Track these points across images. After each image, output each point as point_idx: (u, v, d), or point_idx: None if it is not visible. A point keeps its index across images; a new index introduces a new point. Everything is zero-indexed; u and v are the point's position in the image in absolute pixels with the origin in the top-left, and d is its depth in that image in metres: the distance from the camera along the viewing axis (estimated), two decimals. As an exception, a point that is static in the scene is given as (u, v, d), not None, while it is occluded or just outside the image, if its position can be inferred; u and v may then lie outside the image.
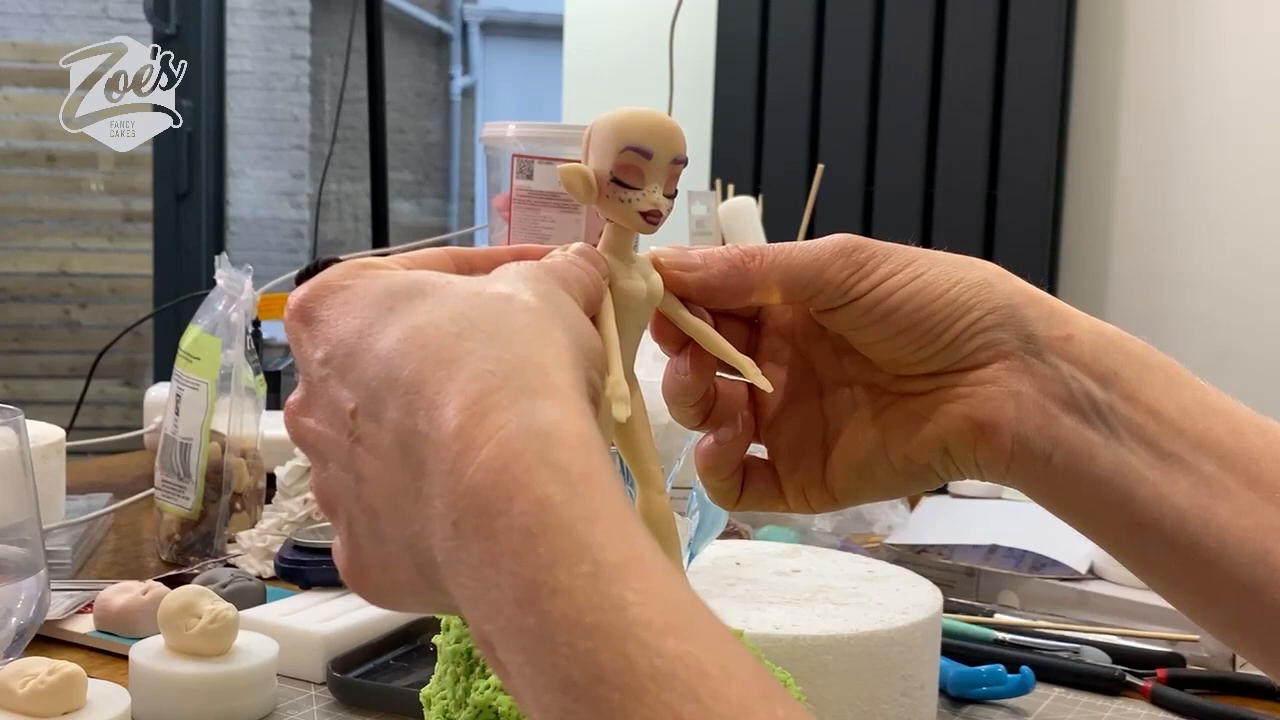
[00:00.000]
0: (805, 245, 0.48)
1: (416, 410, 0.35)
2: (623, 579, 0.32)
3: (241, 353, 1.04)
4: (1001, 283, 0.48)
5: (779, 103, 2.70)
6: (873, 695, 0.70)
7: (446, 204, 6.01)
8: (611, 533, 0.32)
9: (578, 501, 0.33)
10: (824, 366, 0.51)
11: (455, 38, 6.14)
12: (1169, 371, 0.47)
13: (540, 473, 0.33)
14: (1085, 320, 0.48)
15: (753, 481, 0.52)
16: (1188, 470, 0.45)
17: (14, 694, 0.66)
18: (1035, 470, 0.47)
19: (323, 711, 0.78)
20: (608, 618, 0.31)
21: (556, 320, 0.38)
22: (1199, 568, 0.44)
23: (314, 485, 0.41)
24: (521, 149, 1.04)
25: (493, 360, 0.35)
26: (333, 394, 0.38)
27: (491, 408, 0.34)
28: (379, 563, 0.39)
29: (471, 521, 0.33)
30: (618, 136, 0.44)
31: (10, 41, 4.28)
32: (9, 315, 4.14)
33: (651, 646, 0.31)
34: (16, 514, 0.71)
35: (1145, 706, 0.83)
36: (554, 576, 0.32)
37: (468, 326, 0.36)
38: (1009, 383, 0.47)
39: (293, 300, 0.40)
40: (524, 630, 0.32)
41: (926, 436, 0.48)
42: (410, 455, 0.36)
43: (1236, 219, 2.40)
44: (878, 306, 0.47)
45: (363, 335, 0.38)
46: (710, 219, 1.39)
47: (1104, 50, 2.52)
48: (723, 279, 0.48)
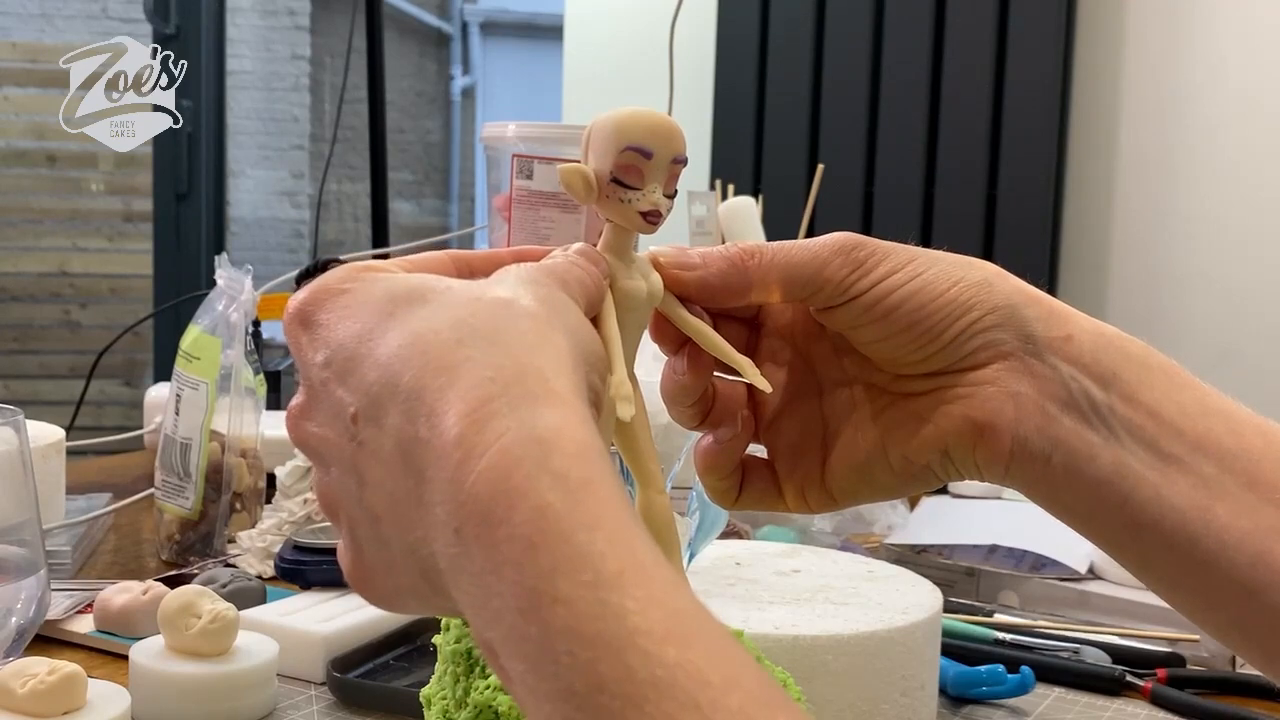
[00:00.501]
0: (805, 243, 0.48)
1: (417, 417, 0.35)
2: (623, 587, 0.32)
3: (241, 353, 1.04)
4: (1001, 283, 0.48)
5: (779, 103, 2.70)
6: (873, 695, 0.70)
7: (446, 204, 6.02)
8: (612, 540, 0.32)
9: (578, 509, 0.33)
10: (824, 367, 0.51)
11: (455, 38, 6.14)
12: (1169, 372, 0.47)
13: (540, 480, 0.33)
14: (1085, 321, 0.48)
15: (752, 481, 0.52)
16: (1187, 471, 0.45)
17: (14, 694, 0.66)
18: (1035, 471, 0.47)
19: (323, 711, 0.78)
20: (608, 626, 0.31)
21: (557, 325, 0.38)
22: (1199, 569, 0.44)
23: (316, 488, 0.41)
24: (521, 149, 1.04)
25: (492, 367, 0.35)
26: (334, 398, 0.38)
27: (491, 415, 0.34)
28: (383, 566, 0.39)
29: (473, 529, 0.33)
30: (618, 136, 0.44)
31: (10, 41, 4.28)
32: (9, 315, 4.14)
33: (652, 655, 0.31)
34: (16, 514, 0.71)
35: (1145, 706, 0.83)
36: (555, 585, 0.32)
37: (468, 333, 0.36)
38: (1008, 383, 0.47)
39: (292, 304, 0.40)
40: (526, 639, 0.32)
41: (925, 437, 0.48)
42: (411, 461, 0.36)
43: (1236, 219, 2.40)
44: (877, 305, 0.47)
45: (363, 340, 0.38)
46: (710, 219, 1.39)
47: (1104, 50, 2.52)
48: (722, 277, 0.48)
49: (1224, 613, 0.45)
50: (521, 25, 6.23)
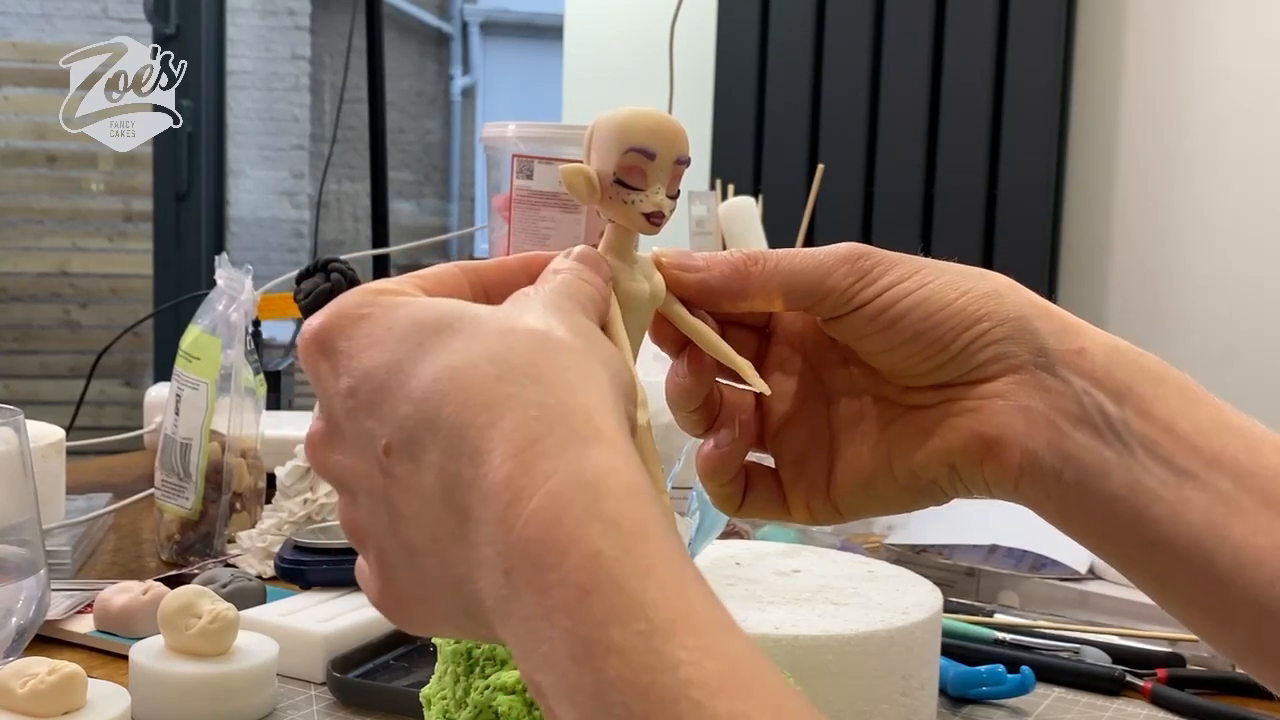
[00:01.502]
0: (810, 252, 0.47)
1: (460, 455, 0.35)
2: (676, 636, 0.31)
3: (241, 353, 1.04)
4: (1011, 294, 0.47)
5: (779, 103, 2.70)
6: (873, 695, 0.70)
7: (446, 204, 6.02)
8: (664, 587, 0.32)
9: (628, 556, 0.33)
10: (832, 377, 0.50)
11: (455, 38, 6.14)
12: (1184, 388, 0.46)
13: (591, 526, 0.33)
14: (1098, 334, 0.47)
15: (757, 489, 0.51)
16: (1203, 488, 0.44)
17: (14, 694, 0.66)
18: (1045, 487, 0.46)
19: (323, 711, 0.78)
20: (661, 678, 0.31)
21: (595, 358, 0.38)
22: (1214, 587, 0.44)
23: (341, 516, 0.40)
24: (521, 149, 1.04)
25: (536, 405, 0.35)
26: (361, 428, 0.38)
27: (538, 455, 0.34)
28: (417, 596, 0.38)
29: (524, 573, 0.33)
30: (621, 137, 0.44)
31: (10, 41, 4.28)
32: (9, 315, 4.13)
33: (705, 708, 0.30)
34: (16, 514, 0.71)
35: (1145, 706, 0.83)
36: (608, 635, 0.32)
37: (506, 368, 0.36)
38: (1018, 397, 0.46)
39: (309, 330, 0.39)
40: (579, 688, 0.32)
41: (932, 451, 0.47)
42: (454, 499, 0.35)
43: (1236, 219, 2.40)
44: (883, 314, 0.46)
45: (392, 371, 0.37)
46: (710, 219, 1.39)
47: (1104, 50, 2.52)
48: (724, 280, 0.47)
49: (1239, 632, 0.44)
50: (521, 25, 6.23)
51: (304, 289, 1.21)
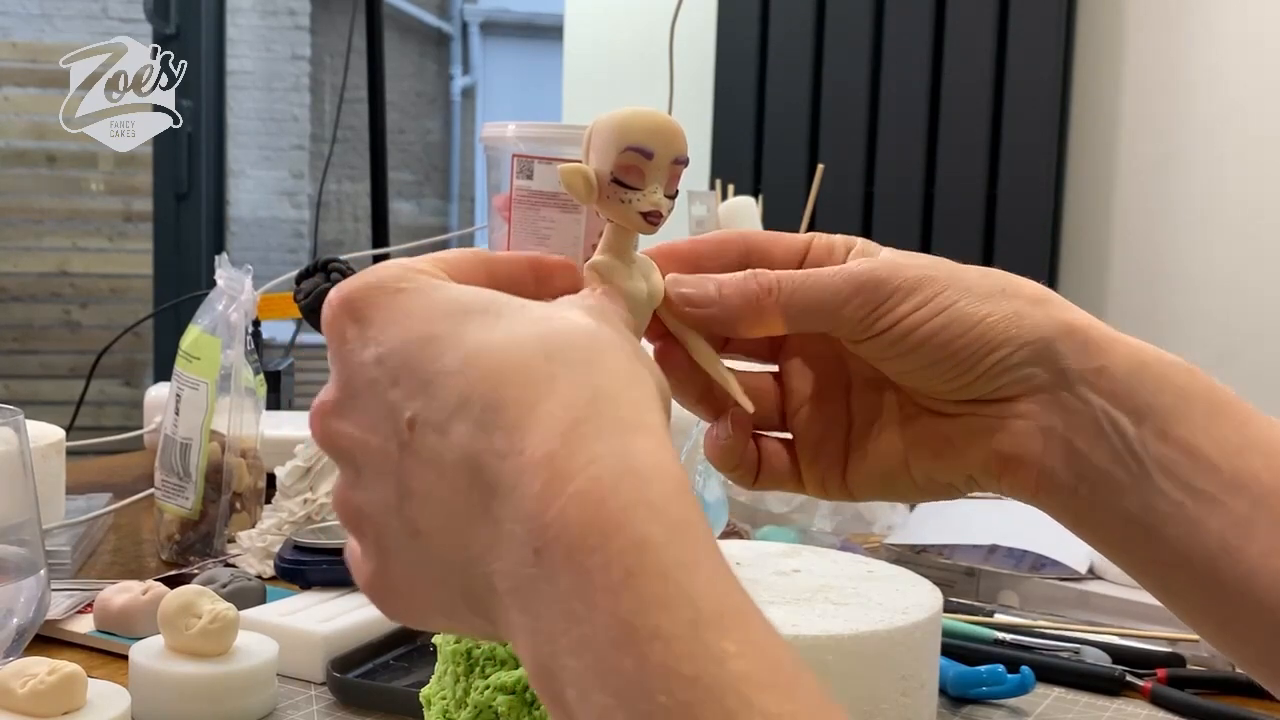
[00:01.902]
0: (824, 279, 0.46)
1: (494, 429, 0.34)
2: (724, 629, 0.31)
3: (241, 353, 1.04)
4: (1033, 312, 0.46)
5: (779, 103, 2.70)
6: (873, 695, 0.70)
7: (446, 204, 6.02)
8: (712, 581, 0.32)
9: (675, 546, 0.32)
10: (856, 364, 0.50)
11: (455, 38, 6.14)
12: (1210, 400, 0.45)
13: (638, 512, 0.32)
14: (1123, 348, 0.46)
15: (772, 465, 0.51)
16: (1219, 510, 0.44)
17: (14, 694, 0.66)
18: (1062, 500, 0.46)
19: (323, 711, 0.78)
20: (709, 668, 0.30)
21: (642, 358, 0.38)
22: (1228, 607, 0.44)
23: (336, 492, 0.39)
24: (521, 149, 1.04)
25: (587, 388, 0.35)
26: (383, 399, 0.37)
27: (585, 437, 0.34)
28: (409, 581, 0.37)
29: (560, 552, 0.32)
30: (619, 136, 0.44)
31: (10, 41, 4.28)
32: (9, 315, 4.13)
33: (754, 703, 0.30)
34: (16, 514, 0.71)
35: (1145, 706, 0.83)
36: (653, 621, 0.31)
37: (556, 349, 0.36)
38: (1039, 418, 0.46)
39: (338, 295, 0.38)
40: (619, 672, 0.31)
41: (950, 461, 0.48)
42: (480, 475, 0.34)
43: (1236, 219, 2.40)
44: (901, 341, 0.46)
45: (428, 344, 0.36)
46: (710, 219, 1.39)
47: (1104, 50, 2.52)
48: (736, 314, 0.47)
49: (1253, 648, 0.45)
50: (521, 25, 6.23)
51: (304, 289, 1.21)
